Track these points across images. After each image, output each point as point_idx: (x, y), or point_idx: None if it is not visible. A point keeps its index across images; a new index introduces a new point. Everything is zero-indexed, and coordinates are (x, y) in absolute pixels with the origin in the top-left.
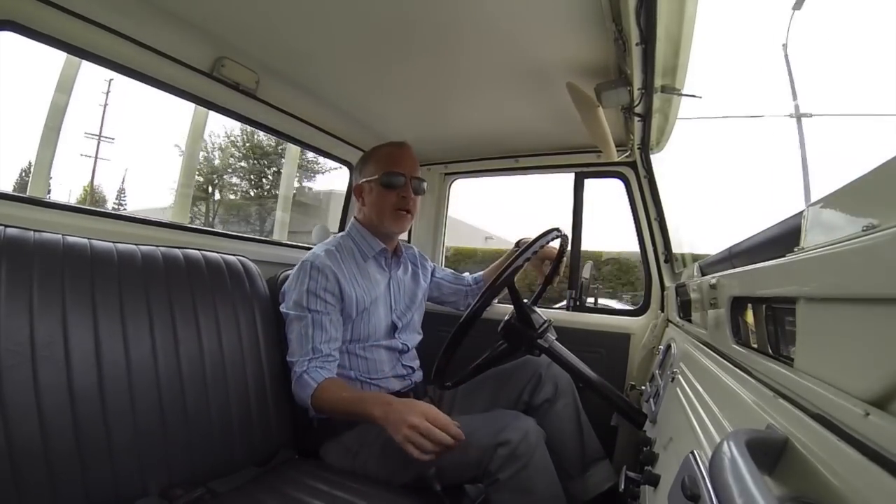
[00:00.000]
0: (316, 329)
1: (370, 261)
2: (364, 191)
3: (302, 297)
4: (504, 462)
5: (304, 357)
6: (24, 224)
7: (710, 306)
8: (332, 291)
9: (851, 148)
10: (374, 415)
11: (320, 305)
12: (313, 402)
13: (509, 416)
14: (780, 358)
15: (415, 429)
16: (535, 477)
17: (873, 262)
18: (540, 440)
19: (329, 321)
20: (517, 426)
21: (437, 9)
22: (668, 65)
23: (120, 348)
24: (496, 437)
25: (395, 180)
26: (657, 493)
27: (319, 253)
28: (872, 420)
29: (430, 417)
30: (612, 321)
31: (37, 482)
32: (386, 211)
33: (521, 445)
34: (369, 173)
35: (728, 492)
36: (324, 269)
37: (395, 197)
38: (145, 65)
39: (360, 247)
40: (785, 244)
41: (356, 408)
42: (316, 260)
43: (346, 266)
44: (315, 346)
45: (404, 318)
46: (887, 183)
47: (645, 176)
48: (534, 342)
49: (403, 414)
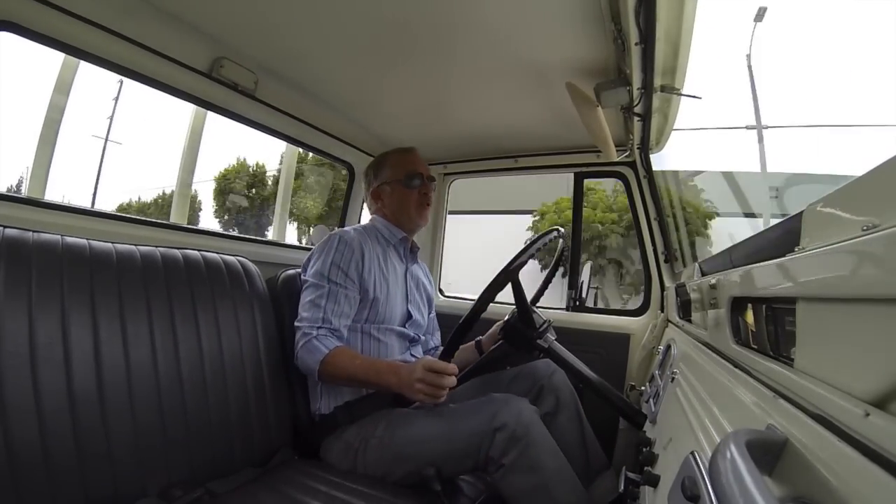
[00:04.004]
0: (330, 300)
1: (391, 248)
2: (384, 193)
3: (325, 267)
4: (505, 446)
5: (313, 324)
6: (22, 224)
7: (710, 306)
8: (355, 266)
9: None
10: (389, 382)
11: (340, 278)
12: (322, 367)
13: (500, 400)
14: (780, 358)
15: (422, 381)
16: (539, 454)
17: (873, 262)
18: (534, 417)
19: (345, 296)
20: (510, 408)
21: (437, 8)
22: (667, 65)
23: (119, 349)
24: (491, 423)
25: (416, 181)
26: (657, 493)
27: (348, 230)
28: (873, 420)
29: (431, 368)
30: (611, 321)
31: (36, 483)
32: (411, 207)
33: (517, 427)
34: (388, 177)
35: (728, 492)
36: (351, 243)
37: (416, 194)
38: (144, 65)
39: (383, 233)
40: (785, 244)
41: (369, 375)
42: (344, 234)
43: (371, 245)
44: (326, 316)
45: (418, 311)
46: (887, 183)
47: (645, 176)
48: (533, 342)
49: (412, 375)
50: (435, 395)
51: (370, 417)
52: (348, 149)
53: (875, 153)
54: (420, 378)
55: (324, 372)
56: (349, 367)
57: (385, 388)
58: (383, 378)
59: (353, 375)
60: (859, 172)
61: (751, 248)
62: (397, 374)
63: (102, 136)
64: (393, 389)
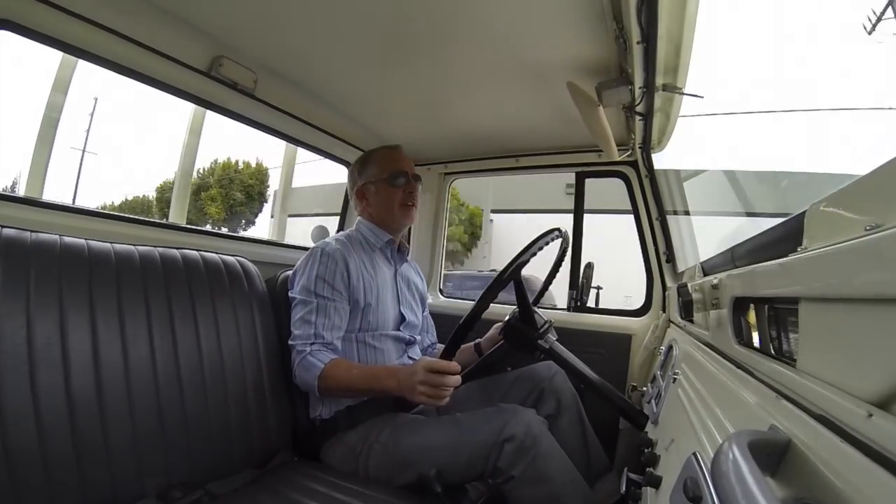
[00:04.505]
0: (320, 315)
1: (377, 252)
2: (368, 192)
3: (310, 282)
4: (514, 457)
5: (305, 341)
6: (20, 224)
7: (712, 307)
8: (341, 278)
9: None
10: (389, 387)
11: (328, 291)
12: (321, 381)
13: (508, 410)
14: (783, 359)
15: (425, 384)
16: (549, 465)
17: (876, 262)
18: (543, 428)
19: (334, 309)
20: (518, 419)
21: (437, 7)
22: (669, 63)
23: (118, 350)
24: (500, 434)
25: (400, 179)
26: (659, 494)
27: (330, 241)
28: (876, 421)
29: (431, 369)
30: (613, 322)
31: (34, 484)
32: (395, 206)
33: (526, 438)
34: (372, 175)
35: (730, 493)
36: (334, 255)
37: (401, 193)
38: (142, 64)
39: (368, 239)
40: (787, 244)
41: (368, 383)
42: (326, 247)
43: (356, 253)
44: (317, 331)
45: (411, 311)
46: (890, 183)
47: (646, 175)
48: (534, 343)
49: (412, 377)
50: (438, 395)
51: (373, 421)
52: (348, 148)
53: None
54: (422, 380)
55: (322, 387)
56: (346, 378)
57: (386, 393)
58: (382, 383)
59: (352, 385)
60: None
61: (753, 248)
62: (396, 378)
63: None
64: (394, 393)
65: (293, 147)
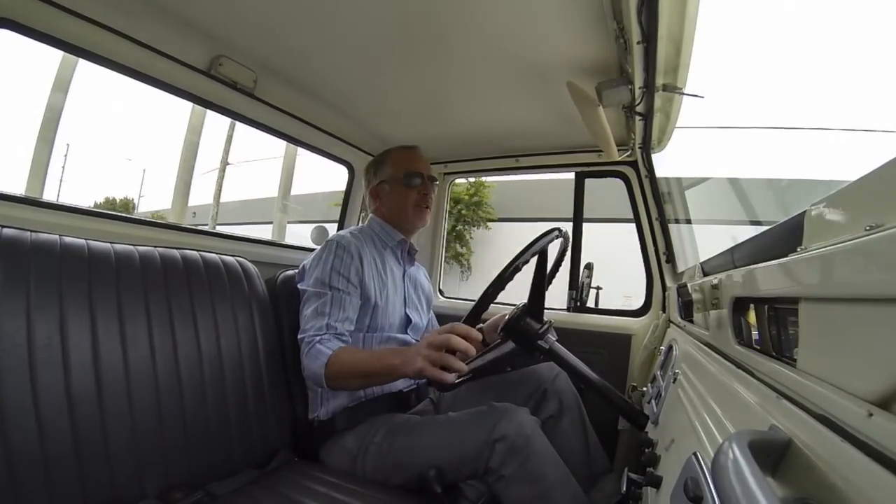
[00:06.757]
0: (334, 307)
1: (388, 251)
2: (383, 191)
3: (326, 274)
4: (505, 457)
5: (317, 332)
6: (20, 224)
7: (712, 307)
8: (355, 272)
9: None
10: (394, 363)
11: (342, 284)
12: (327, 371)
13: (500, 410)
14: (783, 358)
15: (431, 346)
16: (540, 465)
17: (876, 262)
18: (535, 428)
19: (349, 301)
20: (510, 419)
21: (438, 7)
22: (669, 63)
23: (118, 350)
24: (491, 434)
25: (415, 180)
26: (659, 494)
27: (345, 234)
28: (876, 421)
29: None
30: (613, 322)
31: (34, 485)
32: (409, 207)
33: (518, 438)
34: (387, 175)
35: (731, 493)
36: (349, 248)
37: (415, 194)
38: (142, 63)
39: (381, 236)
40: (787, 244)
41: (374, 365)
42: (342, 239)
43: (368, 250)
44: (330, 322)
45: (417, 313)
46: (889, 183)
47: (646, 175)
48: (534, 343)
49: (414, 351)
50: (443, 362)
51: (369, 422)
52: (348, 148)
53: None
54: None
55: (329, 374)
56: (351, 361)
57: (390, 371)
58: (385, 361)
59: (357, 367)
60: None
61: (753, 249)
62: (402, 355)
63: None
64: (398, 371)
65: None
